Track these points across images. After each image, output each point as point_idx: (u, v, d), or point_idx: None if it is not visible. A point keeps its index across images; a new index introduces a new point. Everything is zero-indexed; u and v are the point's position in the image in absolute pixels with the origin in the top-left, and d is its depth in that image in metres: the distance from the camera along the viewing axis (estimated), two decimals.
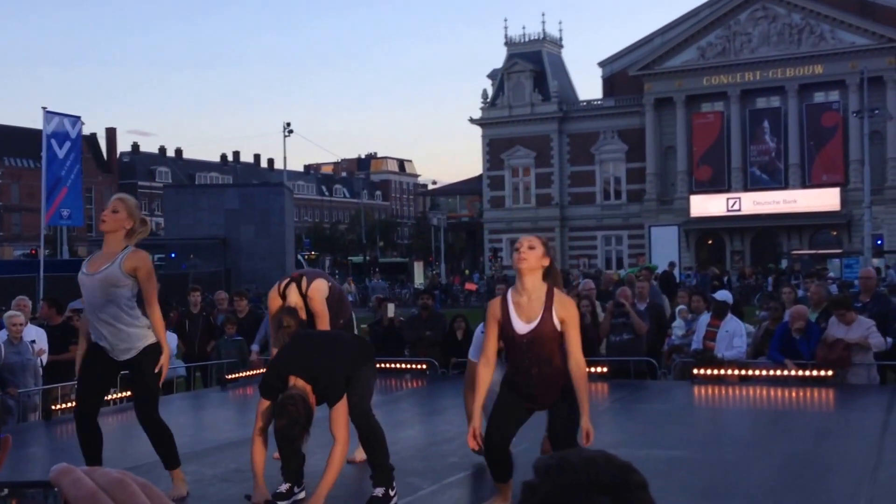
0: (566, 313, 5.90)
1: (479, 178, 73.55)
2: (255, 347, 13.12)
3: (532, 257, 6.14)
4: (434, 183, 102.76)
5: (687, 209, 61.25)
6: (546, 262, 6.25)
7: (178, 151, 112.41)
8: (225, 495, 6.66)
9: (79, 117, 20.27)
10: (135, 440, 8.83)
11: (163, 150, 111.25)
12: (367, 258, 71.66)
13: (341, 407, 6.02)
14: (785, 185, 59.59)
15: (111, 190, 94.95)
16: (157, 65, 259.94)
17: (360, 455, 7.34)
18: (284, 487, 6.36)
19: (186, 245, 38.94)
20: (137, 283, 6.34)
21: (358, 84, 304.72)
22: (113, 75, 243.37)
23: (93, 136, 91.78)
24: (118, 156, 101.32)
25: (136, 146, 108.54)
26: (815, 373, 11.24)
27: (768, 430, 9.49)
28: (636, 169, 64.96)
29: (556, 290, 5.97)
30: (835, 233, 58.48)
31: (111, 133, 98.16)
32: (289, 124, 58.44)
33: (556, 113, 67.19)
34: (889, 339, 11.53)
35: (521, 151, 68.62)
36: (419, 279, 55.16)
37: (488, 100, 70.17)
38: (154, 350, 6.43)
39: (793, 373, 11.36)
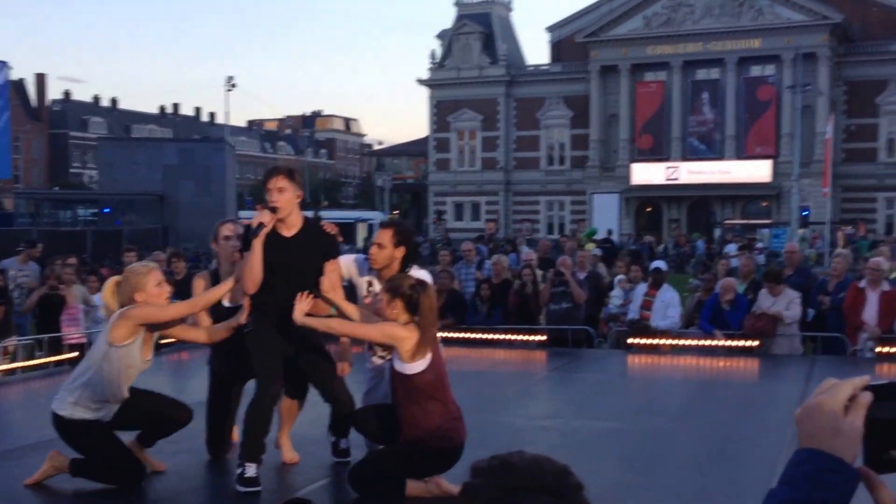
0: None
1: (426, 139, 73.41)
2: None
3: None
4: (380, 143, 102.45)
5: (628, 177, 61.85)
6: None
7: (114, 101, 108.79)
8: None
9: (5, 62, 19.56)
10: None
11: (97, 98, 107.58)
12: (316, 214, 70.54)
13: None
14: (721, 156, 60.60)
15: (41, 140, 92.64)
16: (90, 6, 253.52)
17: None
18: (253, 470, 5.96)
19: (121, 200, 38.00)
20: None
21: (305, 39, 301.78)
22: (41, 16, 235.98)
23: (20, 82, 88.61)
24: (48, 104, 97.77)
25: (67, 94, 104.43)
26: (741, 343, 11.54)
27: (697, 400, 9.75)
28: (580, 135, 65.26)
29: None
30: (765, 203, 59.86)
31: (41, 79, 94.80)
32: (232, 78, 57.63)
33: (504, 77, 67.13)
34: (810, 311, 11.91)
35: (468, 114, 68.56)
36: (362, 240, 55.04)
37: (436, 61, 69.86)
38: None
39: (721, 343, 11.67)
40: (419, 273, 6.26)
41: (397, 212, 63.35)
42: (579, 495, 1.48)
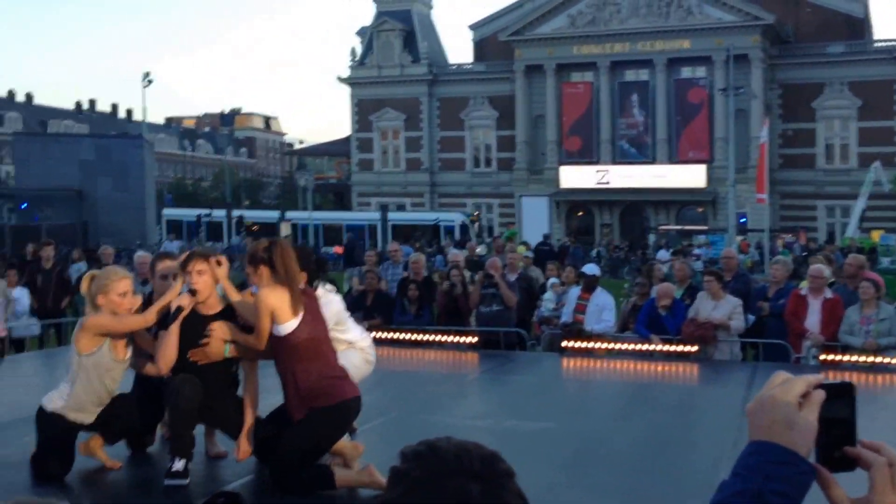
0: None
1: (348, 139, 72.59)
2: None
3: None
4: (301, 142, 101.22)
5: (556, 180, 61.19)
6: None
7: (29, 96, 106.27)
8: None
9: None
10: None
11: (11, 93, 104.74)
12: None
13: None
14: (653, 160, 60.03)
15: None
16: None
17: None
18: (181, 465, 6.02)
19: (39, 196, 37.63)
20: None
21: (224, 36, 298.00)
22: None
23: None
24: None
25: None
26: (680, 348, 11.40)
27: (633, 403, 9.67)
28: (506, 137, 64.67)
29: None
30: (701, 209, 59.07)
31: None
32: (148, 74, 56.13)
33: (426, 75, 66.50)
34: (750, 318, 11.79)
35: (391, 113, 67.82)
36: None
37: (357, 58, 69.09)
38: None
39: (658, 347, 11.50)
40: (326, 291, 6.60)
41: (478, 213, 61.62)
42: (509, 482, 1.49)
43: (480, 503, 1.42)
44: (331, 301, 6.52)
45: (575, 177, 60.73)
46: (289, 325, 5.69)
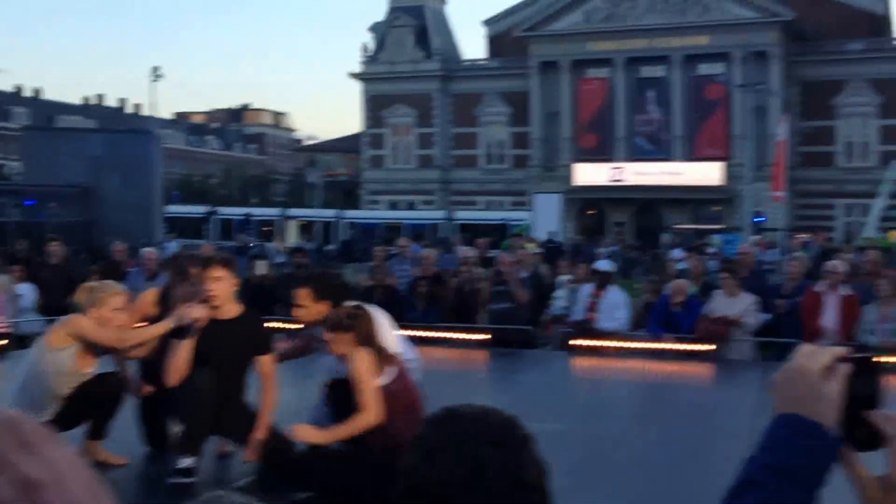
0: None
1: (359, 135, 72.35)
2: None
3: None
4: (312, 139, 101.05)
5: (571, 177, 60.28)
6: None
7: (37, 91, 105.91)
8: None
9: None
10: None
11: (19, 88, 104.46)
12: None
13: None
14: (669, 157, 59.14)
15: None
16: None
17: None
18: (188, 462, 5.96)
19: (45, 192, 37.34)
20: None
21: (232, 31, 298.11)
22: None
23: None
24: None
25: None
26: (694, 347, 11.14)
27: (645, 404, 9.73)
28: (520, 134, 64.05)
29: None
30: (717, 208, 58.05)
31: None
32: (157, 69, 55.58)
33: (439, 71, 65.92)
34: (766, 316, 11.53)
35: (402, 110, 67.37)
36: (293, 238, 53.87)
37: (369, 54, 68.80)
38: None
39: (672, 346, 11.24)
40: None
41: (593, 212, 60.67)
42: (527, 447, 1.53)
43: (498, 468, 1.43)
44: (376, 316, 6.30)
45: (589, 174, 59.77)
46: (381, 378, 5.53)
